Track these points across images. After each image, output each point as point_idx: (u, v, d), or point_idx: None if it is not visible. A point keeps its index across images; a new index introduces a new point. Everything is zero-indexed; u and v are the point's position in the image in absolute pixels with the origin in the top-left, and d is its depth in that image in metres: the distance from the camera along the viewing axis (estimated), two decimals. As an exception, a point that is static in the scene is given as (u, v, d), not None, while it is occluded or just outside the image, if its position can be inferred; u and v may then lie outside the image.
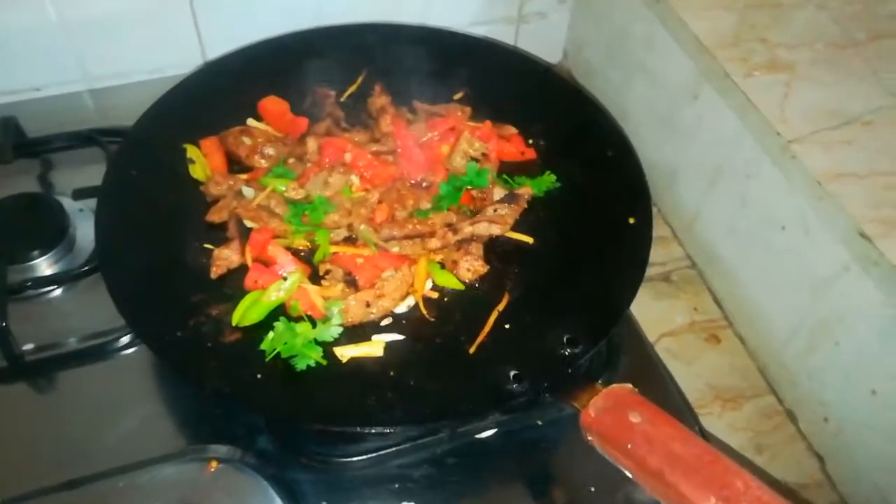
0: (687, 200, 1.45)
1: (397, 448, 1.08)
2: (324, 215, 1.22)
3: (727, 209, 1.34)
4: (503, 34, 1.71)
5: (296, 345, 1.08)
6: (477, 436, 1.11)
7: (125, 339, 1.18)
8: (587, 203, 1.30)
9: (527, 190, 1.30)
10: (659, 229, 1.21)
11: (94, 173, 1.29)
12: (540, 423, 1.13)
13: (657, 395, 1.14)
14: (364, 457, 1.08)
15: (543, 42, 1.76)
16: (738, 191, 1.30)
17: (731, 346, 1.35)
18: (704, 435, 1.15)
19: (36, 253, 1.27)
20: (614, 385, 0.98)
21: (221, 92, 1.39)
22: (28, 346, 1.17)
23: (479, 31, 1.63)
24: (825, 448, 1.22)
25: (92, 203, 1.26)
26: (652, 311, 1.36)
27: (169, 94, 1.35)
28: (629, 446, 0.91)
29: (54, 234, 1.28)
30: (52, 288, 1.25)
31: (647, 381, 1.18)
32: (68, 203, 1.32)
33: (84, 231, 1.31)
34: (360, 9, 1.55)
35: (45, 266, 1.27)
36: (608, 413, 0.95)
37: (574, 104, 1.41)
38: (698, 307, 1.40)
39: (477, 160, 1.32)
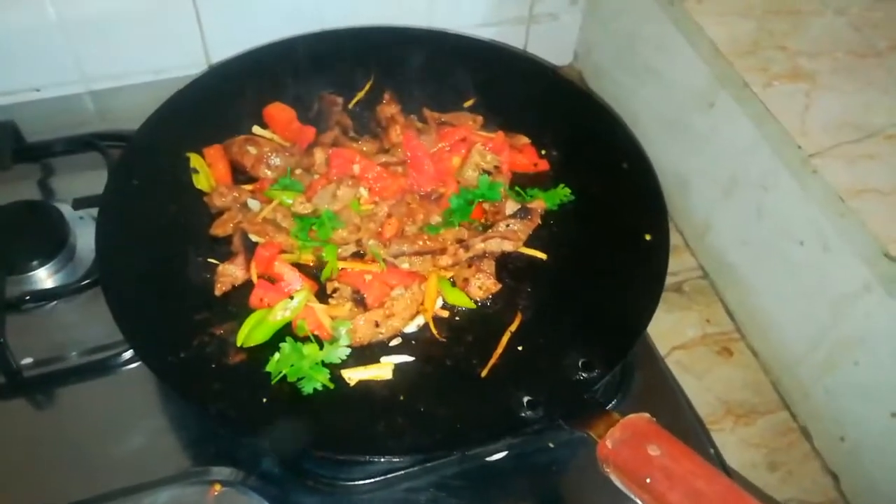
0: (699, 209, 1.40)
1: (405, 471, 1.04)
2: (332, 231, 1.17)
3: (742, 220, 1.29)
4: (513, 35, 1.65)
5: (302, 367, 1.03)
6: (487, 458, 1.07)
7: (128, 354, 1.13)
8: (602, 217, 1.25)
9: (540, 204, 1.25)
10: (670, 237, 1.17)
11: (95, 178, 1.24)
12: (552, 445, 1.08)
13: (668, 410, 1.14)
14: (371, 480, 1.03)
15: (554, 44, 1.69)
16: (754, 202, 1.25)
17: (744, 360, 1.30)
18: (725, 468, 1.10)
19: (35, 263, 1.21)
20: (632, 415, 0.93)
21: (226, 97, 1.33)
22: (27, 361, 1.12)
23: (487, 32, 1.57)
24: (840, 466, 1.18)
25: (93, 210, 1.21)
26: (663, 324, 1.31)
27: (171, 100, 1.29)
28: (648, 481, 0.87)
29: (54, 243, 1.23)
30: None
31: (658, 397, 1.17)
32: (68, 210, 1.27)
33: (85, 239, 1.25)
34: (364, 11, 1.49)
35: (44, 276, 1.22)
36: (626, 445, 0.90)
37: (588, 113, 1.35)
38: (710, 319, 1.35)
39: (489, 173, 1.27)
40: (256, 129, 1.34)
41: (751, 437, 1.21)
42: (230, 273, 1.14)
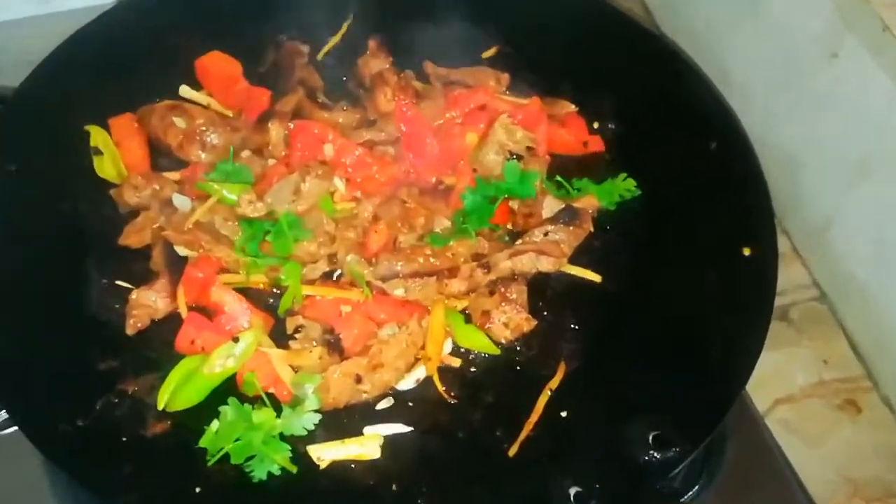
0: (816, 201, 1.38)
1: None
2: (294, 243, 1.14)
3: (876, 216, 1.27)
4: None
5: (252, 441, 1.01)
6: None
7: (4, 414, 1.10)
8: (679, 222, 1.22)
9: (591, 202, 1.22)
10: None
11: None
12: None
13: (771, 495, 1.14)
14: None
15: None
16: (894, 192, 1.22)
17: (877, 417, 1.28)
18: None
19: None
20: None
21: (142, 44, 1.31)
22: None
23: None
24: None
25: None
26: (764, 366, 1.26)
27: (65, 46, 1.27)
28: None
29: None
30: None
31: (758, 476, 1.15)
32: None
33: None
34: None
35: None
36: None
37: (659, 68, 1.32)
38: (829, 359, 1.33)
39: (519, 157, 1.23)
40: (185, 91, 1.32)
41: (886, 530, 1.20)
42: (148, 302, 1.12)
